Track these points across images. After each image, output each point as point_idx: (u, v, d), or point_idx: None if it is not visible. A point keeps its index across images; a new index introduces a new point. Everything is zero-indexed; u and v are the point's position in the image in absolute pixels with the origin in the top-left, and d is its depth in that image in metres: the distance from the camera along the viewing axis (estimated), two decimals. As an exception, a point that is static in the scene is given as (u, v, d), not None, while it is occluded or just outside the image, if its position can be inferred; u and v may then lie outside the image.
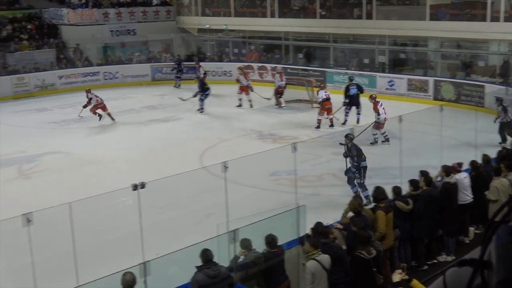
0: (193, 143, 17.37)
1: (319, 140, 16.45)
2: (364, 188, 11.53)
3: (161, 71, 28.67)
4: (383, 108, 16.58)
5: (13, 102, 24.48)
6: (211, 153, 16.07)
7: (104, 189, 10.51)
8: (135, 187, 7.73)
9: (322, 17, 27.64)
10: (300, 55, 28.67)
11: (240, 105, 22.18)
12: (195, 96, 21.26)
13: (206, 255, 6.82)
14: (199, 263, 6.84)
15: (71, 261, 7.51)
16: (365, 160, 11.67)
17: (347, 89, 19.20)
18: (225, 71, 28.31)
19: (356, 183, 11.70)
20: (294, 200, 11.47)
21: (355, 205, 8.26)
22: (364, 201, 10.80)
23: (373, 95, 17.35)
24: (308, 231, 7.89)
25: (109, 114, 20.27)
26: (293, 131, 18.24)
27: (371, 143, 16.13)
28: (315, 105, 21.92)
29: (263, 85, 26.29)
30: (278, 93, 22.16)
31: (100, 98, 20.34)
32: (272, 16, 29.36)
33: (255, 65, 27.97)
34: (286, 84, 22.34)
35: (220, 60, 29.66)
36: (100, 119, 20.18)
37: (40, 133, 19.27)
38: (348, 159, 11.80)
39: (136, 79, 28.34)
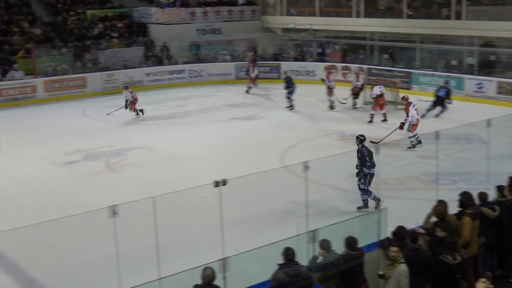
0: (274, 142, 17.39)
1: (403, 143, 16.09)
2: (365, 192, 11.28)
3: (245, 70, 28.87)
4: (416, 110, 16.25)
5: (102, 98, 25.34)
6: (292, 153, 16.05)
7: (186, 184, 10.68)
8: (216, 184, 7.79)
9: (409, 17, 27.10)
10: (385, 56, 28.17)
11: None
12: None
13: (288, 254, 6.80)
14: (278, 261, 6.82)
15: (154, 253, 7.66)
16: (373, 167, 11.25)
17: (437, 90, 20.40)
18: (308, 70, 28.22)
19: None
20: (375, 203, 11.30)
21: (440, 210, 8.01)
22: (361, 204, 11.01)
23: (405, 96, 17.24)
24: (388, 234, 7.73)
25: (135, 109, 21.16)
26: (375, 133, 17.93)
27: (408, 148, 15.76)
28: (399, 106, 21.51)
29: (347, 85, 26.04)
30: (354, 93, 21.96)
31: (135, 94, 21.24)
32: (358, 16, 29.04)
33: (338, 65, 27.72)
34: (362, 84, 22.02)
35: (304, 60, 29.58)
36: (138, 114, 21.08)
37: (127, 128, 19.84)
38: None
39: (220, 78, 28.72)
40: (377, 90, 19.57)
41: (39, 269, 9.47)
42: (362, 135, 11.93)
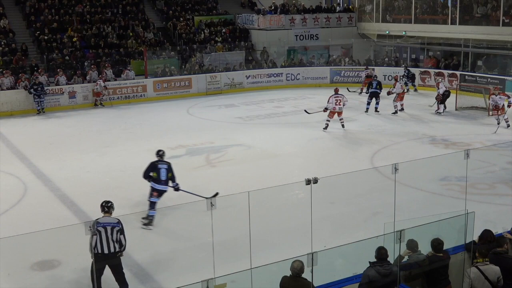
0: (365, 144, 17.16)
1: (493, 148, 15.45)
2: None
3: (340, 74, 28.66)
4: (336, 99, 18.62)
5: (205, 98, 25.93)
6: (382, 155, 15.77)
7: (279, 181, 10.79)
8: (308, 182, 7.78)
9: (505, 24, 25.90)
10: (480, 63, 27.10)
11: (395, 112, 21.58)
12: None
13: (381, 253, 6.72)
14: (364, 258, 6.74)
15: (247, 244, 7.75)
16: None
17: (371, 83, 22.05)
18: (401, 76, 27.54)
19: None
20: (463, 206, 10.91)
21: None
22: None
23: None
24: (475, 238, 7.45)
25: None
26: (466, 138, 17.33)
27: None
28: (492, 112, 20.66)
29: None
30: (437, 100, 21.42)
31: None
32: (453, 23, 28.08)
33: (431, 71, 26.96)
34: (444, 92, 21.31)
35: (397, 66, 28.96)
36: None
37: (227, 126, 20.16)
38: None
39: (316, 81, 28.65)
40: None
41: (142, 254, 9.80)
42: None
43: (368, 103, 21.77)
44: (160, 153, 11.48)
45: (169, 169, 11.25)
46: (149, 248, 10.18)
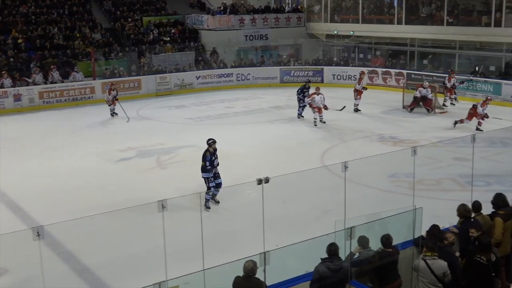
0: (315, 143, 17.33)
1: (439, 145, 15.84)
2: None
3: (290, 74, 28.86)
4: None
5: (155, 99, 25.72)
6: (332, 153, 15.96)
7: (231, 182, 10.78)
8: (259, 182, 7.80)
9: (449, 24, 26.61)
10: (425, 61, 27.76)
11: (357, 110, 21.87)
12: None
13: (331, 249, 6.80)
14: (316, 255, 6.81)
15: (199, 246, 7.71)
16: None
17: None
18: (350, 75, 28.05)
19: None
20: (411, 202, 11.14)
21: (461, 210, 7.91)
22: None
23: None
24: (423, 233, 7.61)
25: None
26: (413, 135, 17.72)
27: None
28: (438, 110, 21.21)
29: (387, 90, 25.81)
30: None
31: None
32: (399, 23, 28.67)
33: (379, 70, 27.45)
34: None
35: (346, 65, 29.40)
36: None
37: (177, 127, 20.04)
38: None
39: (266, 81, 28.78)
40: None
41: (92, 259, 9.65)
42: None
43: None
44: (209, 142, 12.28)
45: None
46: (99, 252, 10.03)
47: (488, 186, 12.18)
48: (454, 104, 22.18)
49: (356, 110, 21.76)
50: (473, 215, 8.08)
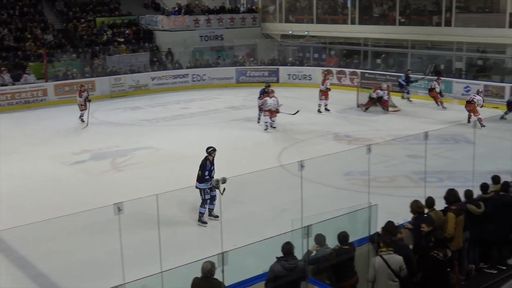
0: (272, 143, 17.41)
1: (393, 143, 16.12)
2: None
3: (245, 74, 28.91)
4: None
5: (110, 101, 25.38)
6: (289, 153, 16.06)
7: (188, 183, 10.72)
8: (216, 182, 7.80)
9: (401, 24, 27.11)
10: (378, 61, 28.21)
11: (326, 110, 21.85)
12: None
13: (285, 248, 6.83)
14: (274, 255, 6.84)
15: (156, 248, 7.66)
16: None
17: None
18: (305, 75, 28.30)
19: None
20: (366, 199, 11.31)
21: (413, 206, 8.08)
22: None
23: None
24: (379, 230, 7.74)
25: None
26: (368, 133, 17.98)
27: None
28: (391, 108, 21.57)
29: (341, 89, 26.08)
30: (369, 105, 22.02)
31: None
32: (353, 23, 29.06)
33: (334, 70, 27.75)
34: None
35: (301, 65, 29.63)
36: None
37: (133, 129, 19.84)
38: None
39: (222, 82, 28.74)
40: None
41: (47, 264, 9.47)
42: None
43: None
44: (209, 151, 11.39)
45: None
46: (55, 256, 9.85)
47: (441, 182, 12.46)
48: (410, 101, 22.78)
49: (319, 111, 21.72)
50: (426, 210, 8.25)
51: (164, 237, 7.99)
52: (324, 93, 21.72)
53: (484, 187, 8.99)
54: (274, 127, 18.99)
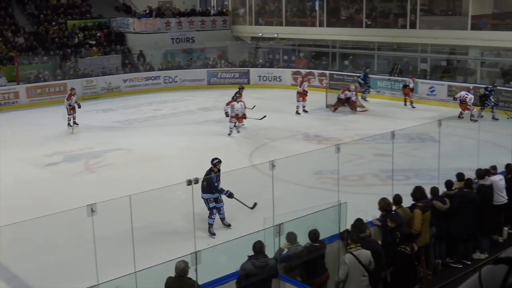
0: (243, 143, 17.41)
1: (361, 142, 16.26)
2: None
3: (216, 76, 28.85)
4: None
5: (82, 103, 24.91)
6: (260, 152, 16.08)
7: (161, 183, 10.64)
8: (189, 182, 7.77)
9: (367, 26, 27.34)
10: (346, 62, 28.43)
11: (305, 111, 21.69)
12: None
13: (256, 246, 6.84)
14: (246, 253, 6.84)
15: (130, 249, 7.60)
16: None
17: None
18: (275, 76, 28.36)
19: None
20: (336, 198, 11.38)
21: (381, 204, 8.16)
22: None
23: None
24: (348, 227, 7.79)
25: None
26: (337, 133, 18.10)
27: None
28: (359, 109, 21.75)
29: (310, 90, 26.15)
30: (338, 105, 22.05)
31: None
32: (321, 25, 29.22)
33: (303, 71, 27.86)
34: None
35: (271, 66, 29.70)
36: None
37: (105, 131, 19.65)
38: None
39: (194, 83, 28.63)
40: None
41: (21, 266, 9.32)
42: None
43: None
44: (213, 162, 10.93)
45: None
46: (29, 259, 9.70)
47: (407, 180, 12.60)
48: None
49: (298, 112, 21.47)
50: (394, 208, 8.34)
51: (138, 237, 7.93)
52: (301, 95, 21.60)
53: (448, 184, 9.14)
54: (239, 132, 18.52)
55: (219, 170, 10.84)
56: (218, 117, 21.09)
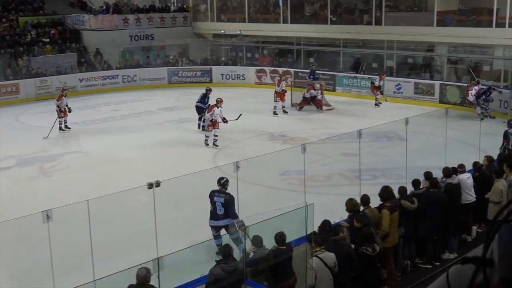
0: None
1: (328, 141, 16.38)
2: None
3: (177, 75, 28.69)
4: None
5: (36, 104, 24.63)
6: (224, 154, 16.05)
7: (121, 187, 10.52)
8: (150, 186, 7.72)
9: (332, 23, 27.57)
10: (311, 60, 28.61)
11: (284, 112, 21.38)
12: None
13: (224, 250, 6.83)
14: (211, 258, 6.83)
15: (88, 256, 7.50)
16: None
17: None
18: (238, 74, 28.36)
19: None
20: (303, 199, 11.44)
21: (348, 205, 8.24)
22: None
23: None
24: (315, 229, 7.83)
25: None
26: (302, 133, 18.19)
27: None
28: (325, 107, 21.91)
29: (275, 88, 26.23)
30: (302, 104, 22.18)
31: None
32: (285, 22, 29.32)
33: (267, 69, 27.94)
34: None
35: (234, 64, 29.69)
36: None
37: (61, 133, 19.32)
38: None
39: (153, 82, 28.42)
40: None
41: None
42: None
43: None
44: (221, 182, 9.69)
45: (227, 203, 9.36)
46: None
47: (375, 180, 12.74)
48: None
49: (275, 113, 21.15)
50: (362, 208, 8.42)
51: (97, 244, 7.82)
52: (279, 95, 21.31)
53: (415, 183, 9.28)
54: (217, 145, 16.92)
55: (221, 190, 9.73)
56: (179, 117, 21.02)
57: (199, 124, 18.89)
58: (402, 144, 13.48)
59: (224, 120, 17.06)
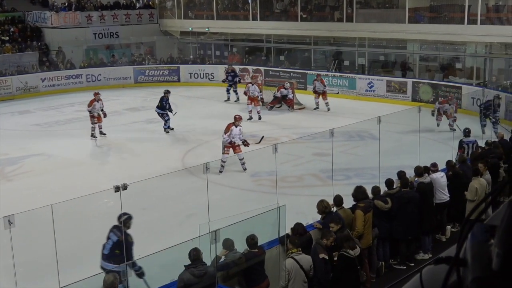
0: (175, 145, 17.29)
1: (300, 141, 16.46)
2: None
3: (144, 74, 28.51)
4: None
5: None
6: (193, 155, 16.02)
7: (86, 191, 10.44)
8: (117, 189, 7.65)
9: (303, 20, 27.67)
10: (282, 57, 28.70)
11: (250, 118, 20.45)
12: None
13: (193, 254, 6.81)
14: (181, 263, 6.80)
15: (53, 262, 7.42)
16: None
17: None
18: (207, 73, 28.30)
19: None
20: (275, 201, 11.48)
21: (319, 206, 8.30)
22: None
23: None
24: (288, 231, 7.87)
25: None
26: (274, 132, 18.23)
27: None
28: (296, 106, 22.01)
29: (244, 87, 26.26)
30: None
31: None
32: (254, 19, 29.35)
33: (237, 67, 27.90)
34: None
35: (203, 63, 29.63)
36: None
37: (22, 135, 19.08)
38: None
39: (119, 82, 28.19)
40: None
41: None
42: None
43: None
44: (121, 219, 8.38)
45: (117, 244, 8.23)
46: None
47: (348, 180, 12.84)
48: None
49: (250, 117, 20.44)
50: (335, 209, 8.49)
51: (62, 250, 7.74)
52: (250, 98, 20.73)
53: (389, 183, 9.38)
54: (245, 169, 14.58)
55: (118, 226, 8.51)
56: (147, 118, 20.88)
57: (164, 128, 18.76)
58: (375, 143, 13.63)
59: (245, 143, 14.58)
